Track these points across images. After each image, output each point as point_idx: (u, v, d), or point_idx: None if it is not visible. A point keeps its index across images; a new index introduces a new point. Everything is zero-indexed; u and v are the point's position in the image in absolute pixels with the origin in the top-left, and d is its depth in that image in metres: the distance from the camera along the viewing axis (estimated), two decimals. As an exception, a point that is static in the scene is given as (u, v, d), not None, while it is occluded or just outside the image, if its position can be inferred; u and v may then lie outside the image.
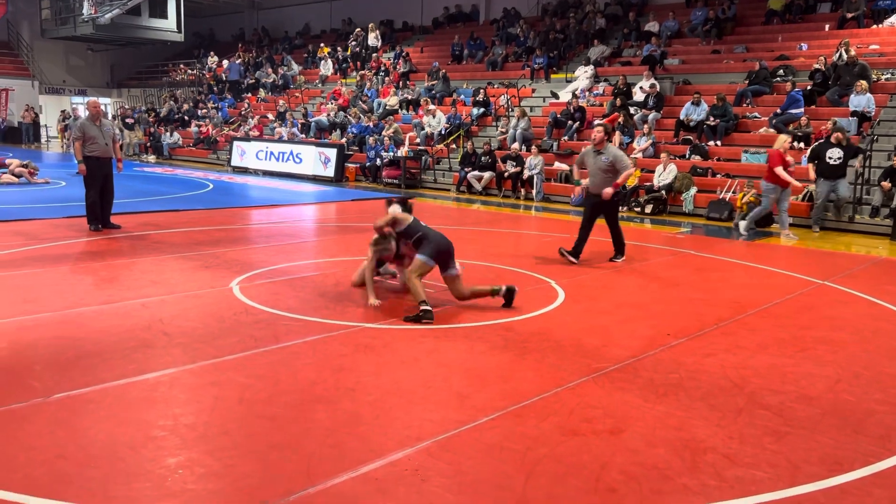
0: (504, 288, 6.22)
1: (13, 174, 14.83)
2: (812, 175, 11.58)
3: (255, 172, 20.28)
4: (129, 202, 12.88)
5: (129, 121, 25.98)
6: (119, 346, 4.87)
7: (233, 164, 21.40)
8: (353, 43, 25.52)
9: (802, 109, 14.30)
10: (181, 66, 32.39)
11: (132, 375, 4.34)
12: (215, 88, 28.25)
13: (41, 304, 5.89)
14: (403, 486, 3.12)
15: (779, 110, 14.56)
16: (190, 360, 4.64)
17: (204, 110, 26.48)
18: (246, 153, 21.08)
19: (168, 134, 25.10)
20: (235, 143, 21.64)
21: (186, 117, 26.81)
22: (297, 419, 3.80)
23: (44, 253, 8.02)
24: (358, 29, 26.00)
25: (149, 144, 25.26)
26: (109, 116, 28.38)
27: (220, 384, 4.27)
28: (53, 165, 19.88)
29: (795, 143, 13.33)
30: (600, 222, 8.46)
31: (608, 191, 8.03)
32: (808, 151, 12.41)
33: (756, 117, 15.09)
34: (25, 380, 4.22)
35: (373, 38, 25.24)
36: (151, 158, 24.37)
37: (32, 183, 14.94)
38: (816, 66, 15.26)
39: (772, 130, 14.38)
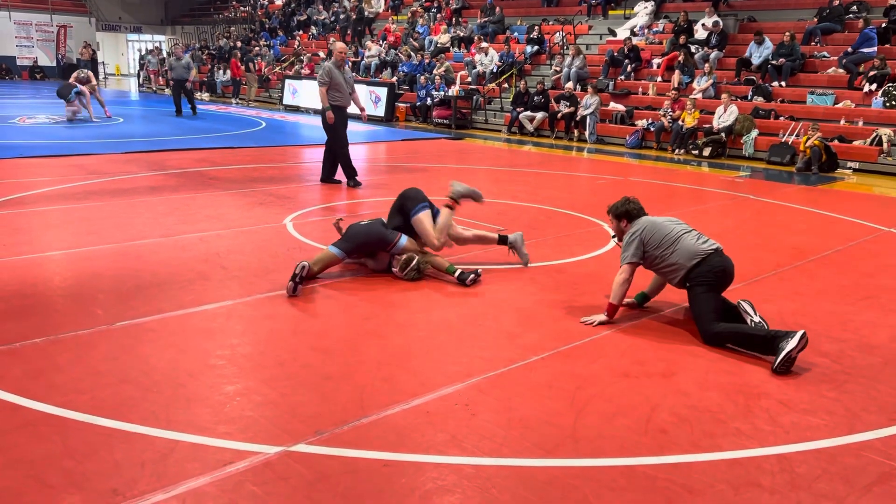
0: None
1: (78, 97, 14.88)
2: None
3: (307, 111, 20.32)
4: (186, 139, 13.07)
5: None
6: (178, 277, 5.00)
7: (285, 102, 21.46)
8: (350, 10, 24.84)
9: (876, 48, 13.56)
10: (234, 2, 32.31)
11: (190, 306, 4.46)
12: (267, 26, 28.15)
13: (103, 235, 6.07)
14: (454, 420, 3.16)
15: (850, 49, 13.83)
16: (246, 293, 4.74)
17: (256, 48, 26.46)
18: (298, 91, 21.08)
19: (221, 72, 25.20)
20: (287, 82, 21.66)
21: (238, 55, 26.81)
22: (350, 352, 3.86)
23: (103, 187, 8.23)
24: None
25: (203, 82, 25.44)
26: (164, 54, 28.61)
27: (275, 317, 4.36)
28: (109, 102, 20.21)
29: (867, 85, 12.69)
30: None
31: None
32: None
33: (825, 57, 14.36)
34: (90, 307, 4.38)
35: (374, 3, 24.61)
36: (206, 96, 24.59)
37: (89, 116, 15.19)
38: (892, 2, 14.36)
39: (841, 71, 13.71)
